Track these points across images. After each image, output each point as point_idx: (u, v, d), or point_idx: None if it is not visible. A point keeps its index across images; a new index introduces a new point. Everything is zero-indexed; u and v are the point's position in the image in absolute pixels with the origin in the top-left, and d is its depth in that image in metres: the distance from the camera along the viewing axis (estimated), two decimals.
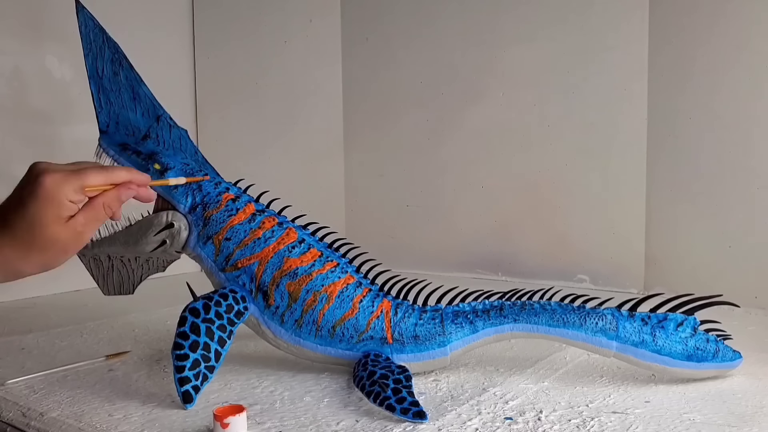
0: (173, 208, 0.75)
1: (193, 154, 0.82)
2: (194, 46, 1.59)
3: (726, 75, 1.14)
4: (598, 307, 0.72)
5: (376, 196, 1.66)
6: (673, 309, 0.71)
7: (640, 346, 0.70)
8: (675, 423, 0.60)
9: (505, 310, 0.72)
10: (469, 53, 1.46)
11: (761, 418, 0.61)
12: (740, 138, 1.14)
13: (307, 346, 0.73)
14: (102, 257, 0.79)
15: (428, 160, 1.55)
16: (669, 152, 1.22)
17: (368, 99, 1.64)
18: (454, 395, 0.69)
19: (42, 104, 1.32)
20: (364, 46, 1.64)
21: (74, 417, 0.63)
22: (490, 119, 1.44)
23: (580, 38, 1.31)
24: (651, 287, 1.25)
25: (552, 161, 1.37)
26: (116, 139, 0.76)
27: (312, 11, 1.65)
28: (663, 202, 1.24)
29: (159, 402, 0.67)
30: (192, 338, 0.67)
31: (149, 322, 1.05)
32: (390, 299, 0.75)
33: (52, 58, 1.33)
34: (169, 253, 0.77)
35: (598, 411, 0.63)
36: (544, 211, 1.38)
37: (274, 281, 0.73)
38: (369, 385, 0.65)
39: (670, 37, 1.20)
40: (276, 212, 0.78)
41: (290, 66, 1.64)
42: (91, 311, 1.13)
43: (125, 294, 0.83)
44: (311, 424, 0.61)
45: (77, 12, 0.78)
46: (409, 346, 0.72)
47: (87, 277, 0.81)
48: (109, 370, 0.79)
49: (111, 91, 0.78)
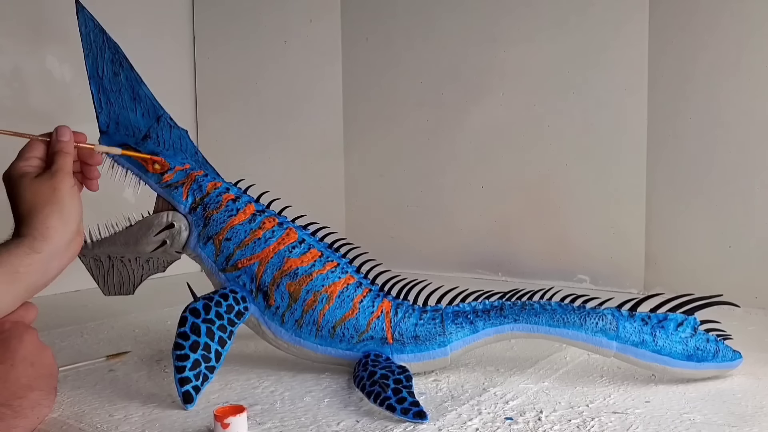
0: (173, 209, 0.75)
1: (193, 154, 0.82)
2: (194, 46, 1.59)
3: (726, 75, 1.14)
4: (598, 307, 0.72)
5: (376, 196, 1.66)
6: (673, 309, 0.71)
7: (640, 346, 0.70)
8: (675, 423, 0.60)
9: (505, 310, 0.72)
10: (470, 53, 1.46)
11: (761, 418, 0.61)
12: (740, 138, 1.14)
13: (308, 346, 0.73)
14: (102, 257, 0.79)
15: (428, 160, 1.55)
16: (669, 152, 1.22)
17: (368, 99, 1.64)
18: (454, 395, 0.69)
19: (42, 104, 1.32)
20: (364, 46, 1.64)
21: (75, 417, 0.63)
22: (490, 119, 1.44)
23: (581, 38, 1.31)
24: (651, 287, 1.25)
25: (552, 161, 1.37)
26: (116, 139, 0.76)
27: (312, 11, 1.65)
28: (663, 202, 1.24)
29: (159, 402, 0.67)
30: (192, 338, 0.67)
31: (149, 322, 1.05)
32: (390, 299, 0.75)
33: (52, 58, 1.33)
34: (169, 254, 0.77)
35: (599, 411, 0.63)
36: (544, 211, 1.38)
37: (274, 281, 0.73)
38: (369, 385, 0.65)
39: (670, 37, 1.21)
40: (276, 212, 0.78)
41: (290, 66, 1.63)
42: (92, 311, 1.13)
43: (125, 294, 0.83)
44: (312, 424, 0.61)
45: (77, 12, 0.78)
46: (409, 346, 0.72)
47: (87, 277, 0.81)
48: (110, 370, 0.79)
49: (111, 92, 0.78)
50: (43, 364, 0.58)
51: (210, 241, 0.75)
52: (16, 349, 0.56)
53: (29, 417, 0.55)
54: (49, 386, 0.58)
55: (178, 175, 0.76)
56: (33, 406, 0.55)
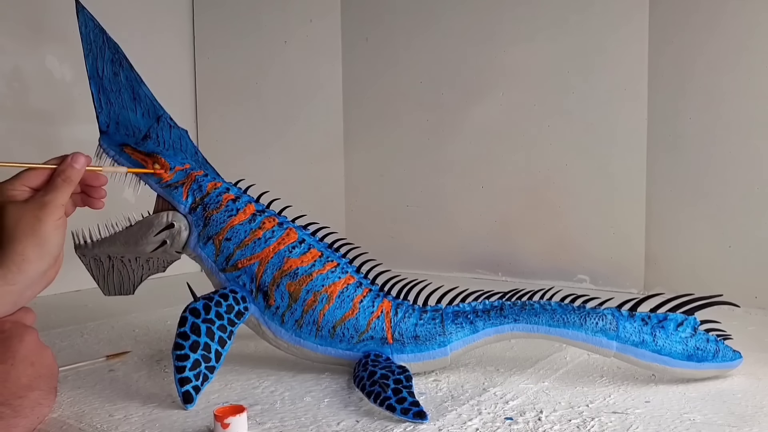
0: (173, 209, 0.75)
1: (193, 154, 0.82)
2: (194, 46, 1.59)
3: (726, 75, 1.14)
4: (598, 307, 0.72)
5: (376, 196, 1.66)
6: (673, 309, 0.71)
7: (640, 346, 0.70)
8: (675, 423, 0.60)
9: (505, 310, 0.72)
10: (470, 53, 1.46)
11: (761, 418, 0.61)
12: (740, 138, 1.14)
13: (308, 346, 0.73)
14: (102, 257, 0.79)
15: (428, 160, 1.55)
16: (669, 152, 1.22)
17: (368, 99, 1.64)
18: (454, 395, 0.69)
19: (42, 104, 1.32)
20: (364, 46, 1.64)
21: (75, 417, 0.63)
22: (491, 119, 1.45)
23: (581, 38, 1.31)
24: (651, 287, 1.25)
25: (552, 161, 1.37)
26: (116, 139, 0.76)
27: (312, 11, 1.65)
28: (663, 202, 1.24)
29: (159, 402, 0.67)
30: (192, 338, 0.67)
31: (149, 322, 1.05)
32: (390, 299, 0.75)
33: (52, 58, 1.33)
34: (169, 254, 0.77)
35: (599, 411, 0.63)
36: (544, 211, 1.38)
37: (274, 281, 0.73)
38: (369, 386, 0.65)
39: (670, 37, 1.21)
40: (276, 212, 0.78)
41: (290, 66, 1.63)
42: (92, 311, 1.13)
43: (125, 294, 0.83)
44: (312, 424, 0.61)
45: (77, 12, 0.78)
46: (409, 346, 0.72)
47: (87, 277, 0.81)
48: (110, 370, 0.79)
49: (111, 92, 0.78)
50: (44, 364, 0.58)
51: (210, 241, 0.75)
52: (17, 348, 0.56)
53: (29, 416, 0.55)
54: (49, 386, 0.58)
55: (178, 175, 0.76)
56: (33, 406, 0.55)
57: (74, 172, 0.60)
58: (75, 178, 0.60)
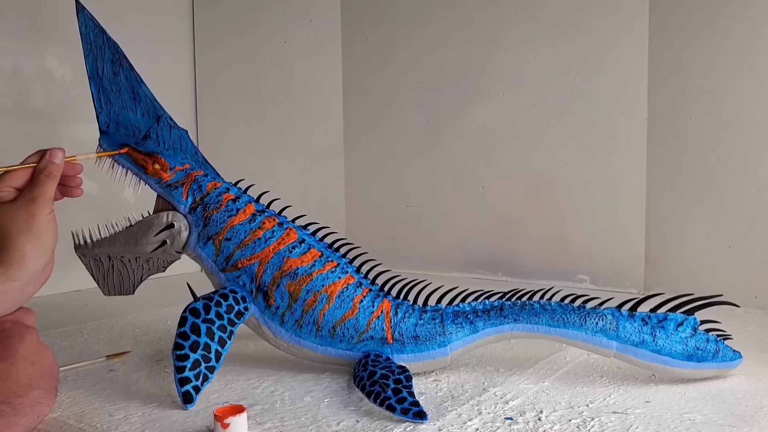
0: (173, 209, 0.75)
1: (193, 154, 0.82)
2: (194, 46, 1.59)
3: (726, 75, 1.14)
4: (598, 307, 0.72)
5: (376, 196, 1.66)
6: (673, 309, 0.71)
7: (640, 346, 0.70)
8: (675, 423, 0.60)
9: (505, 310, 0.72)
10: (470, 53, 1.46)
11: (761, 418, 0.61)
12: (740, 138, 1.14)
13: (308, 346, 0.73)
14: (102, 257, 0.79)
15: (428, 160, 1.55)
16: (669, 152, 1.22)
17: (368, 99, 1.64)
18: (454, 395, 0.69)
19: (42, 104, 1.32)
20: (364, 46, 1.64)
21: (75, 417, 0.63)
22: (491, 119, 1.45)
23: (581, 39, 1.31)
24: (651, 287, 1.25)
25: (552, 161, 1.37)
26: (116, 139, 0.76)
27: (312, 11, 1.65)
28: (663, 202, 1.24)
29: (159, 402, 0.67)
30: (192, 338, 0.67)
31: (149, 322, 1.05)
32: (390, 299, 0.75)
33: (52, 58, 1.33)
34: (169, 254, 0.77)
35: (599, 411, 0.63)
36: (544, 211, 1.38)
37: (274, 281, 0.73)
38: (369, 386, 0.65)
39: (670, 37, 1.21)
40: (276, 212, 0.78)
41: (290, 66, 1.64)
42: (92, 311, 1.13)
43: (125, 294, 0.83)
44: (312, 424, 0.61)
45: (77, 12, 0.78)
46: (409, 346, 0.72)
47: (87, 277, 0.81)
48: (110, 370, 0.79)
49: (111, 92, 0.78)
50: (44, 363, 0.58)
51: (210, 241, 0.75)
52: (17, 347, 0.56)
53: (29, 415, 0.55)
54: (49, 385, 0.58)
55: (178, 175, 0.76)
56: (33, 405, 0.55)
57: (55, 167, 0.62)
58: (57, 173, 0.62)
